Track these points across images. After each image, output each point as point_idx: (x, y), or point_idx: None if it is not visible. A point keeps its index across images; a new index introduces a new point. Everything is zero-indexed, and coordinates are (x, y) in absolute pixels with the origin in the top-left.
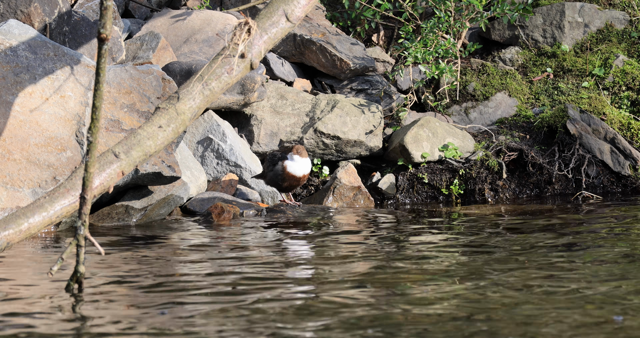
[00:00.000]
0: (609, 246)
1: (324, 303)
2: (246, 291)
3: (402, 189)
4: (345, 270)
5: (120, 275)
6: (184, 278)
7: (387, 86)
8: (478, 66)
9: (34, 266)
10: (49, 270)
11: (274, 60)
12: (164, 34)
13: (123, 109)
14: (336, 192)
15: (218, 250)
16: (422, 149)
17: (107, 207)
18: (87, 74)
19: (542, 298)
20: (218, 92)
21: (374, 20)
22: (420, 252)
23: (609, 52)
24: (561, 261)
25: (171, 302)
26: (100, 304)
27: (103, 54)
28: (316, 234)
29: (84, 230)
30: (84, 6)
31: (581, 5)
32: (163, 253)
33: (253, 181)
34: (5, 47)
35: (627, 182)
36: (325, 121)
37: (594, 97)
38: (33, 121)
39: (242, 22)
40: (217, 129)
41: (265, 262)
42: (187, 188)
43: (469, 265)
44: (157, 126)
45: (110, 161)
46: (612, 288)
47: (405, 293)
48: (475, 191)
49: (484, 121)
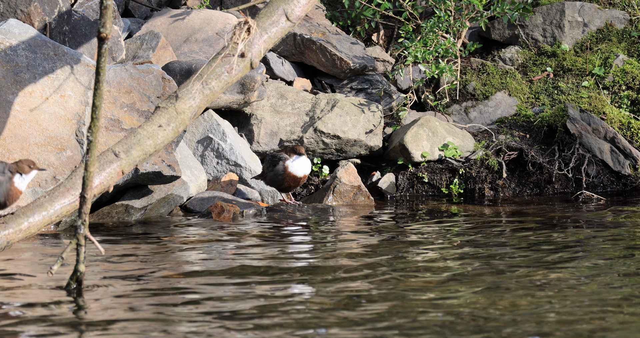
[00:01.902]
0: (609, 245)
1: (324, 304)
2: (246, 290)
3: (402, 189)
4: (345, 270)
5: (120, 275)
6: (184, 277)
7: (387, 86)
8: (478, 65)
9: (33, 265)
10: (49, 269)
11: (274, 59)
12: (164, 34)
13: (123, 108)
14: (336, 191)
15: (218, 249)
16: (422, 148)
17: (107, 206)
18: (87, 73)
19: (543, 298)
20: (218, 91)
21: (374, 19)
22: (420, 252)
23: (609, 52)
24: (561, 261)
25: (171, 302)
26: (100, 304)
27: (103, 53)
28: (316, 233)
29: (84, 229)
30: (83, 5)
31: (581, 5)
32: (163, 252)
33: (253, 180)
34: (5, 47)
35: (627, 181)
36: (325, 120)
37: (594, 96)
38: (33, 121)
39: (242, 21)
40: (217, 129)
41: (265, 262)
42: (187, 187)
43: (469, 265)
44: (157, 126)
45: (110, 160)
46: (612, 288)
47: (406, 294)
48: (475, 191)
49: (484, 121)
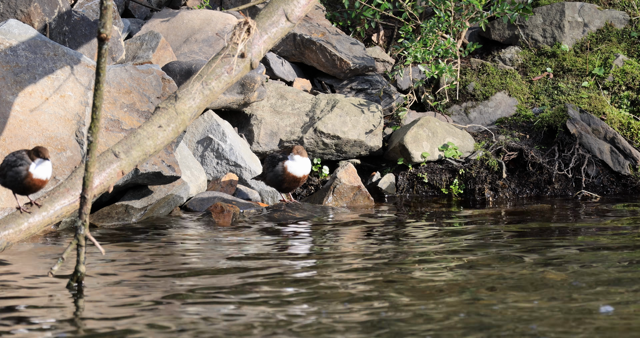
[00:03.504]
0: (609, 246)
1: (324, 303)
2: (246, 290)
3: (402, 189)
4: (345, 270)
5: (120, 275)
6: (183, 277)
7: (386, 86)
8: (478, 65)
9: (34, 266)
10: (50, 270)
11: (274, 60)
12: (164, 34)
13: (123, 108)
14: (336, 192)
15: (218, 249)
16: (422, 148)
17: (107, 207)
18: (87, 73)
19: (542, 298)
20: (218, 91)
21: (374, 20)
22: (420, 252)
23: (609, 52)
24: (561, 261)
25: (171, 301)
26: (100, 304)
27: (103, 53)
28: (316, 233)
29: (84, 229)
30: (83, 6)
31: (581, 5)
32: (163, 253)
33: (253, 180)
34: (5, 47)
35: (627, 182)
36: (325, 120)
37: (594, 97)
38: (33, 121)
39: (242, 21)
40: (217, 129)
41: (265, 262)
42: (187, 187)
43: (470, 265)
44: (157, 126)
45: (110, 160)
46: (611, 287)
47: (405, 294)
48: (475, 191)
49: (484, 121)
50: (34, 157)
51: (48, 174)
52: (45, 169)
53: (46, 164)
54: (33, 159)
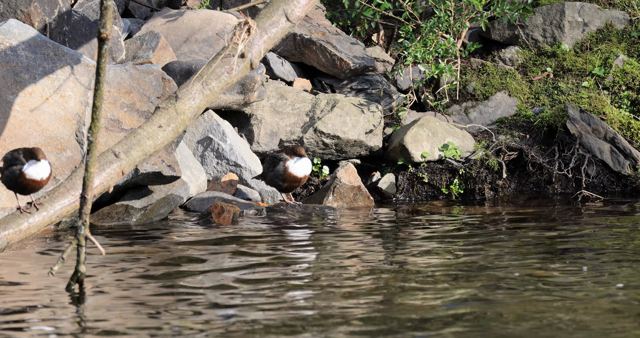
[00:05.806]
0: (609, 245)
1: (324, 303)
2: (246, 291)
3: (402, 189)
4: (344, 270)
5: (120, 275)
6: (183, 277)
7: (387, 86)
8: (478, 65)
9: (34, 265)
10: (50, 270)
11: (274, 60)
12: (164, 34)
13: (123, 108)
14: (336, 192)
15: (218, 249)
16: (422, 148)
17: (107, 207)
18: (87, 73)
19: (542, 298)
20: (218, 91)
21: (374, 19)
22: (420, 252)
23: (609, 52)
24: (561, 261)
25: (171, 302)
26: (101, 304)
27: (103, 53)
28: (316, 234)
29: (85, 229)
30: (83, 6)
31: (581, 5)
32: (163, 253)
33: (253, 180)
34: (5, 47)
35: (627, 182)
36: (325, 120)
37: (594, 96)
38: (33, 121)
39: (242, 21)
40: (217, 129)
41: (264, 262)
42: (187, 187)
43: (470, 265)
44: (157, 126)
45: (110, 160)
46: (610, 287)
47: (406, 293)
48: (475, 191)
49: (484, 121)
50: (28, 157)
51: (43, 174)
52: (39, 169)
53: (40, 164)
54: (27, 159)
